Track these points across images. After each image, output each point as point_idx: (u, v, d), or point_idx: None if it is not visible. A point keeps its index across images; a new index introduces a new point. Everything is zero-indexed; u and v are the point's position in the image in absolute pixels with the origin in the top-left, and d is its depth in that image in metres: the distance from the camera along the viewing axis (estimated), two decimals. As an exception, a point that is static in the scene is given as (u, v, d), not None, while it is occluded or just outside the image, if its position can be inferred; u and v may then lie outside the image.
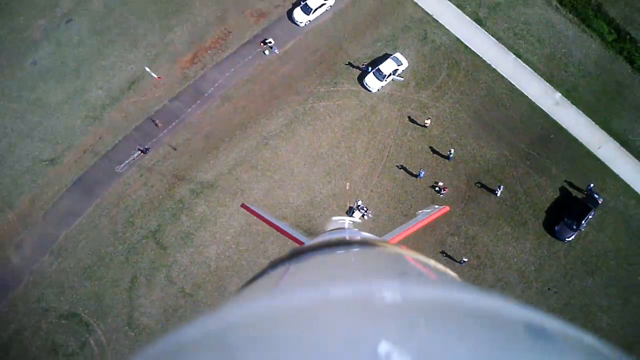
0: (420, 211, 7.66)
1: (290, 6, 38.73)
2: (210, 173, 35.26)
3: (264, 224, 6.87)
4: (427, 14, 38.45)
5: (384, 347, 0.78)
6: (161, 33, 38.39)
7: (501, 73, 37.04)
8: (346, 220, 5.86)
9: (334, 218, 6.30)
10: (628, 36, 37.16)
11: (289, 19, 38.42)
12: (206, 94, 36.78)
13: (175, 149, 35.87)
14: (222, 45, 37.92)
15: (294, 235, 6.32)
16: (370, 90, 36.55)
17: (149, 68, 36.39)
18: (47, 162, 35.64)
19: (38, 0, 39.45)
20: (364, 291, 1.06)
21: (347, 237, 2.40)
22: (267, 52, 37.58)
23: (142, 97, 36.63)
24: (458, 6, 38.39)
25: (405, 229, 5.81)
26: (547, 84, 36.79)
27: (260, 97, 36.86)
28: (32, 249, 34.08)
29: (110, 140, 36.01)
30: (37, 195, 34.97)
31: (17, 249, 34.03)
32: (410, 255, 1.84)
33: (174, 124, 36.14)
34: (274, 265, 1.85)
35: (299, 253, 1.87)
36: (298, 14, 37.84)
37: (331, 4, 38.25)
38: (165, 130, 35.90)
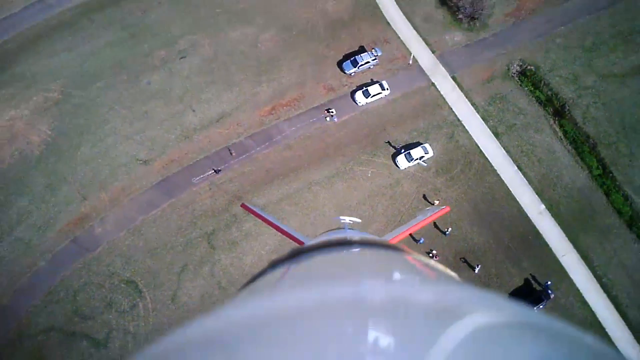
0: (425, 209, 8.43)
1: (354, 88, 43.90)
2: (262, 200, 39.62)
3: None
4: (458, 119, 43.33)
5: (382, 346, 0.79)
6: (252, 84, 43.50)
7: (503, 179, 41.24)
8: (346, 220, 5.56)
9: (334, 218, 5.90)
10: (610, 174, 41.23)
11: (351, 97, 43.48)
12: (274, 139, 41.86)
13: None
14: (295, 105, 42.99)
15: (294, 235, 6.35)
16: (399, 167, 41.00)
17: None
18: (141, 162, 40.76)
19: (163, 35, 45.17)
20: (363, 291, 1.06)
21: (347, 237, 2.30)
22: (328, 118, 42.40)
23: (225, 130, 41.97)
24: (483, 119, 43.29)
25: (406, 228, 5.93)
26: (537, 196, 40.80)
27: (314, 151, 41.70)
28: (113, 225, 39.00)
29: (193, 156, 41.00)
30: (127, 185, 40.04)
31: (101, 222, 39.01)
32: (410, 255, 1.85)
33: (244, 155, 41.21)
34: (274, 265, 1.85)
35: (299, 253, 1.87)
36: (359, 95, 43.07)
37: (387, 94, 43.18)
38: (237, 159, 41.02)
